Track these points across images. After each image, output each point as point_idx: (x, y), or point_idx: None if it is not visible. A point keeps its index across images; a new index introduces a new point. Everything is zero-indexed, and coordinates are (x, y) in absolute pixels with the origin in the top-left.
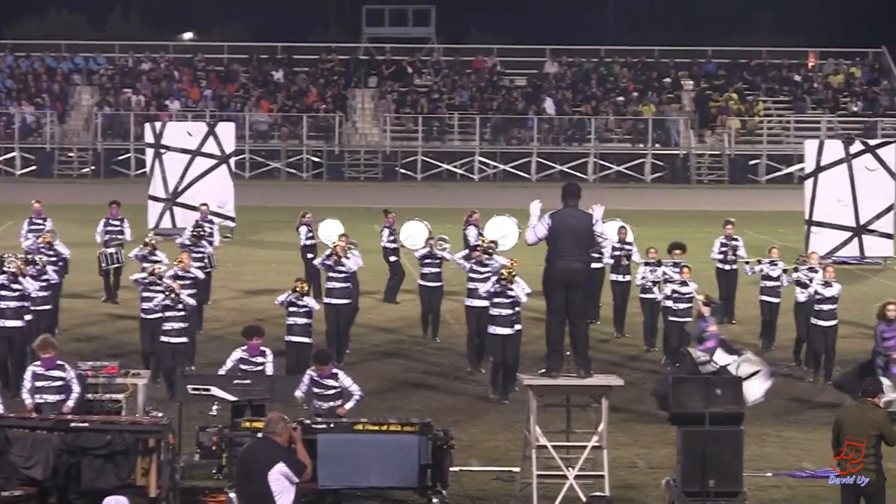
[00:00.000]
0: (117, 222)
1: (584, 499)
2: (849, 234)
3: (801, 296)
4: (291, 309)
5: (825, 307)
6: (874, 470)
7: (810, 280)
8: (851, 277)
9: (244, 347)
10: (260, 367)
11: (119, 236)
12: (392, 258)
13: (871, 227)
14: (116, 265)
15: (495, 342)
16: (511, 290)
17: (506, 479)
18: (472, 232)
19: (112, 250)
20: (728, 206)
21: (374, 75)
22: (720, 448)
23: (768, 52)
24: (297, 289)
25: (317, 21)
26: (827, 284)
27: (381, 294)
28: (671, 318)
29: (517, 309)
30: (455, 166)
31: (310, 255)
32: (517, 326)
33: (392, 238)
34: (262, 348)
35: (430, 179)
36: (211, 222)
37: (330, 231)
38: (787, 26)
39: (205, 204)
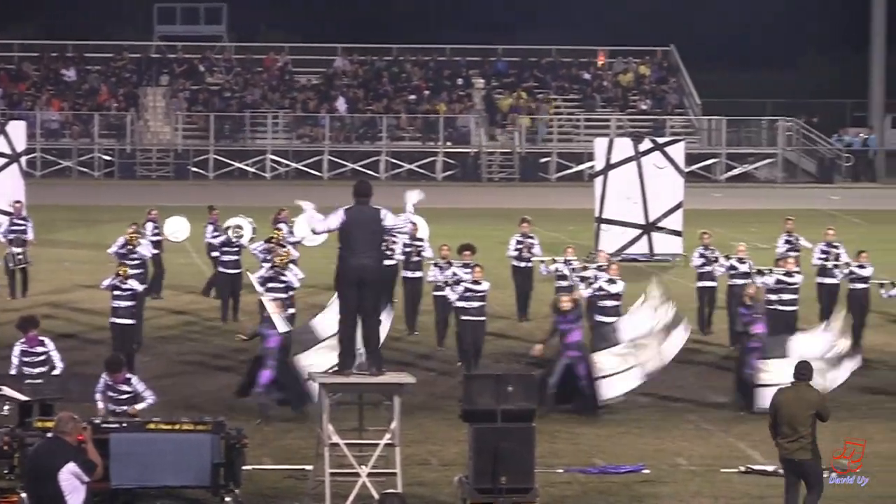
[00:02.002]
0: None
1: (376, 496)
2: (638, 231)
3: (585, 292)
4: (116, 292)
5: (609, 304)
6: (811, 450)
7: (596, 277)
8: (641, 275)
9: (22, 340)
10: (43, 357)
11: None
12: (215, 254)
13: (660, 225)
14: None
15: None
16: (284, 275)
17: (298, 478)
18: (282, 228)
19: None
20: (519, 203)
21: (166, 73)
22: (512, 445)
23: (558, 51)
24: (120, 272)
25: (108, 19)
26: (611, 281)
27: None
28: (463, 318)
29: (291, 293)
30: (247, 164)
31: (155, 251)
32: (290, 310)
33: (216, 234)
34: (41, 338)
35: (223, 178)
36: (25, 220)
37: (175, 228)
38: (577, 25)
39: (18, 201)
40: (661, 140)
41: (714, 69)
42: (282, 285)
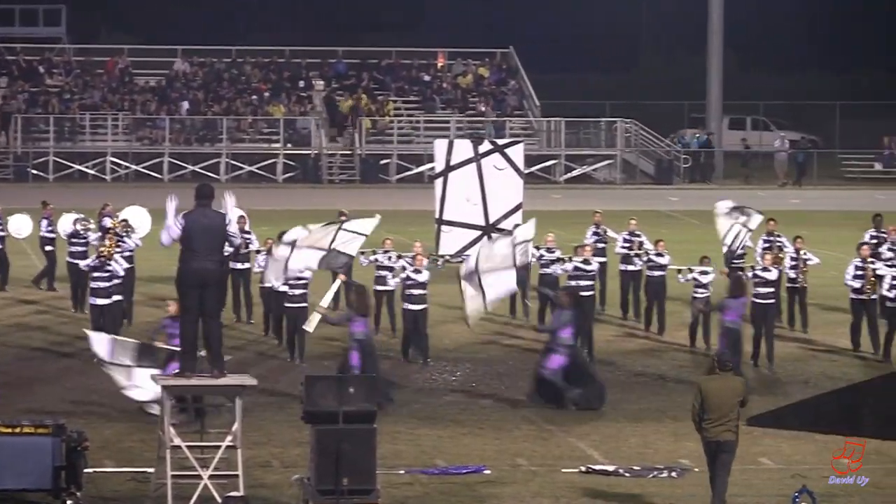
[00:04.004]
0: None
1: (219, 499)
2: (478, 232)
3: (392, 281)
4: None
5: (416, 292)
6: (734, 431)
7: (404, 268)
8: None
9: None
10: None
11: None
12: (48, 248)
13: (500, 226)
14: None
15: (94, 312)
16: (109, 265)
17: (140, 480)
18: (107, 222)
19: None
20: (359, 205)
21: (5, 75)
22: (353, 446)
23: (398, 53)
24: None
25: None
26: (417, 271)
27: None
28: (287, 304)
29: (115, 281)
30: (87, 166)
31: None
32: (115, 297)
33: (50, 229)
34: None
35: (62, 180)
36: None
37: (19, 225)
38: (418, 26)
39: None
40: (500, 141)
41: (553, 71)
42: (106, 274)
